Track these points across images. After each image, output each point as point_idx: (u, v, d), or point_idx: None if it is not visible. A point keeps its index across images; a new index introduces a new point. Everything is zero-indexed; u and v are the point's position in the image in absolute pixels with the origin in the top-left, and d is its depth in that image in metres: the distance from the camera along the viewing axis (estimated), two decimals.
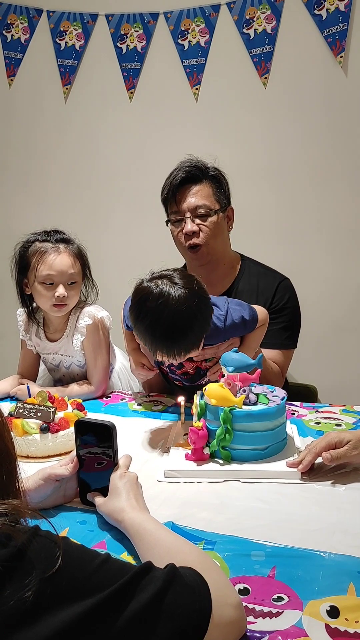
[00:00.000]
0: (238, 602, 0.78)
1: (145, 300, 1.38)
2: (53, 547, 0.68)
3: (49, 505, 1.12)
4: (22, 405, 1.45)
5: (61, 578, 0.66)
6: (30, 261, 1.70)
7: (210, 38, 2.63)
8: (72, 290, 1.72)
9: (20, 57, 2.93)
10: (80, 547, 0.73)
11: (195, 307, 1.37)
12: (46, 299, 1.70)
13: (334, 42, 2.49)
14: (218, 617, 0.73)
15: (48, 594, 0.64)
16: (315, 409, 1.64)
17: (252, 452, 1.28)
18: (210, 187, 1.88)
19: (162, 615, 0.69)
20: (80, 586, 0.67)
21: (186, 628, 0.71)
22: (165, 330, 1.35)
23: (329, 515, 1.08)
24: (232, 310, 1.55)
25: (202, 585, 0.75)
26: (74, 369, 1.86)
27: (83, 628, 0.65)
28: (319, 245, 2.68)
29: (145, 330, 1.38)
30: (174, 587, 0.72)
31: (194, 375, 1.65)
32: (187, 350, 1.40)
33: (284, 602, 0.84)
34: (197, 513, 1.11)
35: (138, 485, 1.09)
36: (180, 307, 1.34)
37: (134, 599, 0.69)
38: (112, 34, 2.77)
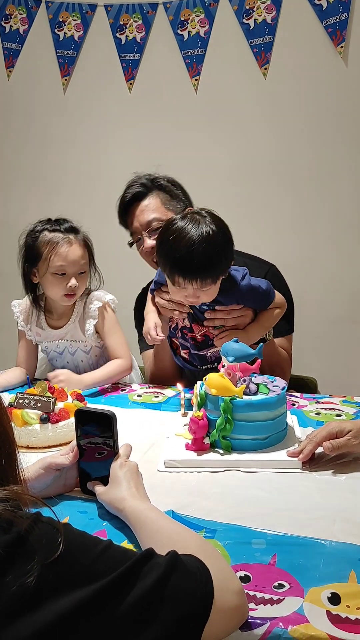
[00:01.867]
0: (240, 588, 0.78)
1: (170, 227, 1.49)
2: (55, 534, 0.68)
3: (49, 494, 1.12)
4: (22, 395, 1.45)
5: (63, 564, 0.66)
6: (42, 252, 1.71)
7: (209, 28, 2.62)
8: (81, 280, 1.75)
9: (18, 48, 2.92)
10: (82, 534, 0.73)
11: (219, 241, 1.47)
12: (58, 289, 1.73)
13: (334, 32, 2.48)
14: (220, 604, 0.73)
15: (50, 580, 0.64)
16: (316, 400, 1.64)
17: (253, 441, 1.28)
18: (158, 198, 1.91)
19: (165, 601, 0.69)
20: (82, 572, 0.67)
21: (188, 614, 0.71)
22: (186, 252, 1.44)
23: (329, 504, 1.08)
24: (250, 277, 1.62)
25: (203, 571, 0.75)
26: (79, 354, 1.87)
27: (85, 614, 0.64)
28: (320, 237, 2.68)
29: (166, 252, 1.48)
30: (176, 573, 0.72)
31: (201, 344, 1.67)
32: (202, 279, 1.47)
33: (285, 589, 0.84)
34: (197, 502, 1.10)
35: (138, 474, 1.09)
36: (203, 236, 1.45)
37: (136, 585, 0.69)
38: (111, 24, 2.75)
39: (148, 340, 1.70)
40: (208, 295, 1.54)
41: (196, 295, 1.52)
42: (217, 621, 0.73)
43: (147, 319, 1.71)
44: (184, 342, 1.71)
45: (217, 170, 2.74)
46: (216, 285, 1.53)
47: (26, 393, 1.46)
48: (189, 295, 1.53)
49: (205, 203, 2.70)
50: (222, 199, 2.75)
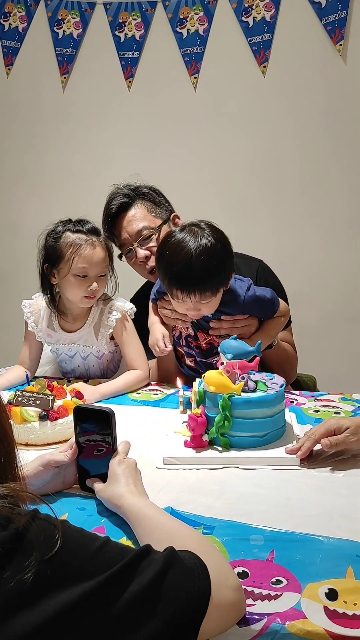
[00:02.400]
0: (237, 584, 0.79)
1: (168, 240, 1.50)
2: (52, 530, 0.68)
3: (48, 491, 1.12)
4: (21, 393, 1.45)
5: (60, 560, 0.66)
6: (64, 253, 1.68)
7: (208, 26, 2.62)
8: (101, 283, 1.73)
9: (17, 46, 2.92)
10: (79, 530, 0.73)
11: (217, 253, 1.47)
12: (79, 291, 1.70)
13: (333, 30, 2.48)
14: (217, 599, 0.73)
15: (47, 576, 0.64)
16: (314, 397, 1.64)
17: (251, 439, 1.28)
18: (143, 206, 1.92)
19: (162, 597, 0.69)
20: (79, 568, 0.67)
21: (186, 609, 0.71)
22: (184, 266, 1.44)
23: (327, 500, 1.08)
24: (255, 287, 1.63)
25: (201, 567, 0.75)
26: (91, 359, 1.85)
27: (83, 610, 0.65)
28: (316, 234, 2.68)
29: (165, 266, 1.48)
30: (173, 569, 0.72)
31: (207, 351, 1.67)
32: (201, 291, 1.47)
33: (282, 585, 0.84)
34: (196, 499, 1.11)
35: (137, 471, 1.09)
36: (201, 249, 1.45)
37: (134, 581, 0.69)
38: (110, 22, 2.75)
39: (156, 352, 1.70)
40: (209, 308, 1.54)
41: (197, 308, 1.53)
42: (215, 617, 0.73)
43: (154, 330, 1.71)
44: (189, 351, 1.71)
45: (215, 168, 2.74)
46: (217, 297, 1.53)
47: (25, 391, 1.46)
48: (189, 308, 1.53)
49: (203, 200, 2.72)
50: (220, 196, 2.76)
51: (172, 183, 2.74)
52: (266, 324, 1.66)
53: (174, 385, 1.70)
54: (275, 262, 2.09)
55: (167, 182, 2.73)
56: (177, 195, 2.34)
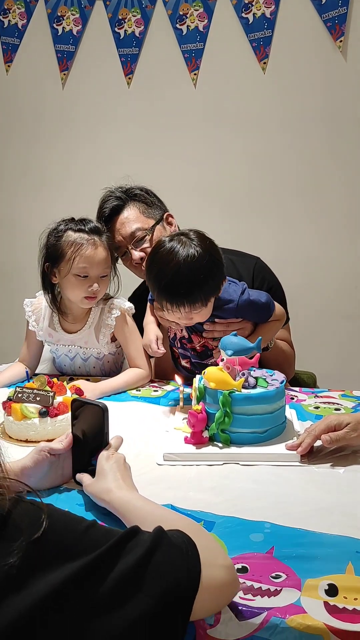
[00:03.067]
0: (229, 563, 0.79)
1: (157, 250, 1.48)
2: (38, 512, 0.68)
3: (48, 485, 1.13)
4: (21, 389, 1.45)
5: (47, 542, 0.66)
6: (65, 252, 1.66)
7: (208, 23, 2.61)
8: (103, 283, 1.71)
9: (17, 43, 2.91)
10: (66, 513, 0.74)
11: (205, 264, 1.45)
12: (79, 291, 1.68)
13: (333, 27, 2.47)
14: (207, 579, 0.73)
15: (35, 558, 0.65)
16: (315, 394, 1.64)
17: (251, 435, 1.28)
18: (136, 208, 1.92)
19: (151, 575, 0.69)
20: (66, 549, 0.67)
21: (176, 587, 0.71)
22: (171, 280, 1.43)
23: (327, 496, 1.08)
24: (249, 291, 1.61)
25: (190, 545, 0.75)
26: (91, 361, 1.84)
27: (71, 590, 0.65)
28: (315, 231, 2.68)
29: (154, 278, 1.47)
30: (161, 547, 0.72)
31: (201, 353, 1.67)
32: (190, 303, 1.45)
33: (282, 579, 0.84)
34: (196, 495, 1.11)
35: (126, 466, 1.08)
36: (188, 261, 1.43)
37: (121, 560, 0.69)
38: (109, 18, 2.74)
39: (149, 352, 1.70)
40: (201, 316, 1.52)
41: (189, 318, 1.51)
42: (207, 596, 0.73)
43: (148, 331, 1.71)
44: (184, 352, 1.71)
45: (216, 165, 2.74)
46: (208, 307, 1.51)
47: (25, 387, 1.46)
48: (181, 318, 1.51)
49: (202, 197, 2.72)
50: (219, 192, 2.76)
51: (171, 179, 2.75)
52: (261, 328, 1.64)
53: (173, 381, 1.70)
54: (273, 259, 2.08)
55: (166, 179, 2.73)
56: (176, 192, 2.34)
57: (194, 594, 0.71)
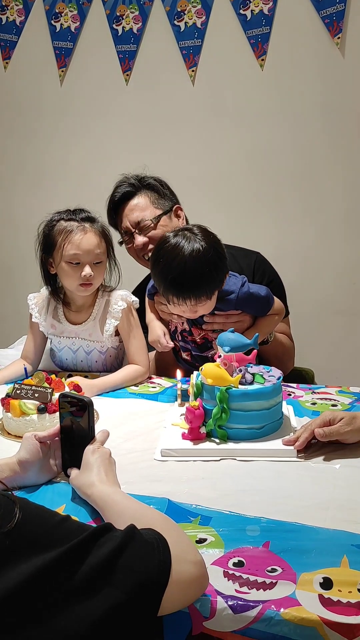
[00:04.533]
0: (199, 559, 0.80)
1: (162, 246, 1.52)
2: (11, 505, 0.70)
3: (45, 477, 1.15)
4: (19, 386, 1.46)
5: (20, 532, 0.68)
6: (56, 240, 1.68)
7: (206, 19, 2.61)
8: (97, 270, 1.70)
9: (15, 40, 2.91)
10: (39, 507, 0.75)
11: (210, 258, 1.49)
12: (73, 279, 1.69)
13: (331, 23, 2.47)
14: (177, 574, 0.75)
15: (7, 548, 0.66)
16: (312, 390, 1.65)
17: (248, 431, 1.29)
18: (147, 196, 1.95)
19: (122, 569, 0.71)
20: (39, 540, 0.69)
21: (146, 581, 0.72)
22: (178, 273, 1.47)
23: (323, 491, 1.09)
24: (249, 284, 1.64)
25: (161, 541, 0.77)
26: (94, 354, 1.83)
27: (42, 581, 0.66)
28: (314, 227, 2.68)
29: (160, 273, 1.52)
30: (133, 543, 0.74)
31: (202, 346, 1.69)
32: (196, 296, 1.50)
33: (277, 573, 0.85)
34: (193, 490, 1.12)
35: (110, 460, 1.10)
36: (194, 255, 1.47)
37: (93, 554, 0.71)
38: (107, 15, 2.74)
39: (158, 348, 1.72)
40: (205, 309, 1.57)
41: (193, 311, 1.55)
42: (176, 590, 0.74)
43: (154, 327, 1.73)
44: (184, 345, 1.73)
45: (214, 162, 2.74)
46: (212, 299, 1.56)
47: (24, 384, 1.47)
48: (186, 311, 1.55)
49: (201, 194, 2.72)
50: (217, 189, 2.76)
51: (169, 176, 2.73)
52: (260, 321, 1.68)
53: (174, 377, 1.71)
54: (273, 255, 2.09)
55: (164, 175, 2.72)
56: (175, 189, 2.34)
57: (164, 588, 0.73)
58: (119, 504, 0.94)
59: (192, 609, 0.80)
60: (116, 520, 0.88)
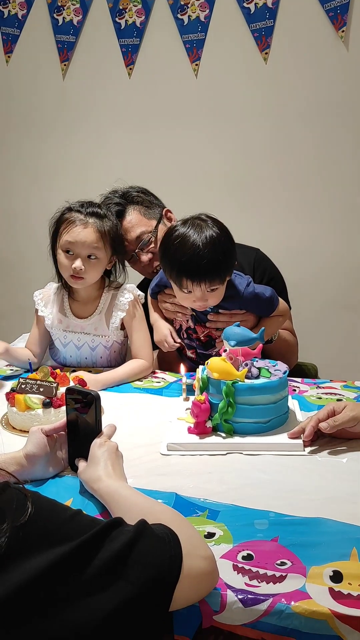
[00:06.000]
0: (209, 554, 0.80)
1: (172, 234, 1.53)
2: (23, 498, 0.70)
3: (52, 470, 1.14)
4: (24, 380, 1.45)
5: (33, 527, 0.68)
6: (59, 229, 1.71)
7: (210, 12, 2.59)
8: (90, 265, 1.70)
9: (17, 33, 2.89)
10: (51, 501, 0.75)
11: (223, 242, 1.51)
12: (65, 268, 1.71)
13: (335, 17, 2.46)
14: (188, 568, 0.75)
15: (20, 541, 0.66)
16: (317, 385, 1.65)
17: (255, 425, 1.29)
18: (137, 211, 1.94)
19: (133, 563, 0.71)
20: (51, 535, 0.69)
21: (158, 576, 0.72)
22: (192, 255, 1.48)
23: (331, 485, 1.09)
24: (254, 284, 1.65)
25: (172, 536, 0.77)
26: (99, 350, 1.83)
27: (55, 574, 0.66)
28: (319, 223, 2.67)
29: (171, 257, 1.51)
30: (144, 537, 0.74)
31: (206, 343, 1.70)
32: (210, 278, 1.50)
33: (287, 566, 0.85)
34: (200, 484, 1.11)
35: (117, 454, 1.10)
36: (207, 238, 1.49)
37: (105, 548, 0.71)
38: (110, 8, 2.72)
39: (164, 348, 1.72)
40: (216, 297, 1.57)
41: (205, 299, 1.55)
42: (187, 585, 0.74)
43: (159, 327, 1.73)
44: (189, 343, 1.73)
45: (217, 156, 2.72)
46: (223, 286, 1.56)
47: (29, 378, 1.47)
48: (197, 299, 1.55)
49: (203, 188, 2.71)
50: (220, 184, 2.75)
51: (172, 170, 2.75)
52: (264, 322, 1.67)
53: (178, 373, 1.71)
54: (275, 251, 2.09)
55: (166, 169, 2.73)
56: (176, 182, 2.34)
57: (175, 583, 0.73)
58: (126, 498, 0.94)
59: (202, 602, 0.80)
60: (124, 515, 0.88)
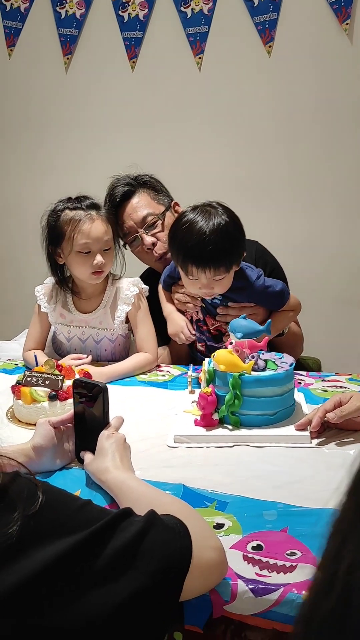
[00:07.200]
0: (219, 545, 0.80)
1: (182, 219, 1.53)
2: (34, 488, 0.70)
3: (60, 462, 1.15)
4: (30, 373, 1.45)
5: (43, 516, 0.68)
6: (65, 231, 1.67)
7: (213, 5, 2.58)
8: (107, 256, 1.70)
9: (19, 27, 2.88)
10: (61, 491, 0.75)
11: (231, 230, 1.51)
12: (85, 268, 1.69)
13: (339, 9, 2.45)
14: (198, 559, 0.75)
15: (32, 531, 0.66)
16: (322, 378, 1.65)
17: (261, 417, 1.29)
18: (147, 194, 1.92)
19: (145, 553, 0.71)
20: (62, 524, 0.69)
21: (168, 566, 0.72)
22: (198, 241, 1.48)
23: (338, 477, 1.07)
24: (265, 277, 1.65)
25: (182, 526, 0.77)
26: (104, 343, 1.83)
27: (66, 564, 0.66)
28: (323, 217, 2.67)
29: (179, 242, 1.52)
30: (155, 527, 0.74)
31: (216, 336, 1.70)
32: (216, 266, 1.50)
33: (297, 556, 0.85)
34: (208, 476, 1.11)
35: (125, 446, 1.10)
36: (215, 225, 1.49)
37: (115, 537, 0.71)
38: (113, 2, 2.71)
39: (181, 340, 1.71)
40: (222, 286, 1.56)
41: (210, 286, 1.54)
42: (196, 576, 0.74)
43: (174, 319, 1.73)
44: (200, 335, 1.73)
45: (220, 150, 2.72)
46: (230, 275, 1.55)
47: (34, 371, 1.47)
48: (202, 286, 1.55)
49: (206, 183, 2.70)
50: (224, 178, 2.74)
51: (174, 164, 2.73)
52: (274, 316, 1.66)
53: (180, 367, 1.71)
54: (279, 245, 2.08)
55: (169, 163, 2.72)
56: (181, 178, 2.33)
57: (185, 573, 0.73)
58: (134, 489, 0.94)
59: (213, 592, 0.80)
60: (133, 506, 0.88)
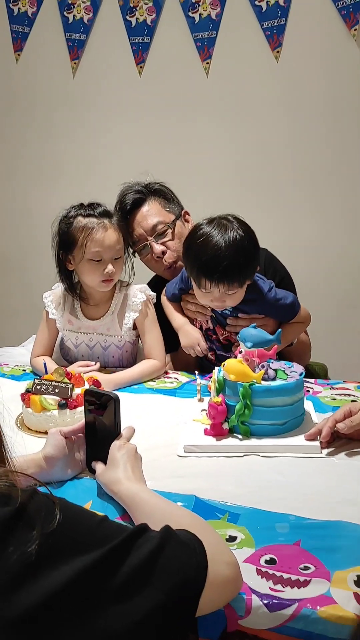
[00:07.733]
0: (233, 561, 0.80)
1: (197, 232, 1.54)
2: (52, 506, 0.70)
3: (71, 472, 1.15)
4: (39, 381, 1.45)
5: (61, 534, 0.67)
6: (77, 238, 1.68)
7: (221, 10, 2.58)
8: (117, 265, 1.71)
9: (27, 31, 2.89)
10: (78, 507, 0.75)
11: (246, 246, 1.51)
12: (95, 275, 1.70)
13: (347, 15, 2.45)
14: (213, 574, 0.75)
15: (50, 549, 0.66)
16: (330, 386, 1.65)
17: (271, 427, 1.29)
18: (157, 202, 1.92)
19: (161, 569, 0.71)
20: (79, 542, 0.69)
21: (184, 582, 0.72)
22: (212, 256, 1.48)
23: (349, 488, 1.09)
24: (276, 289, 1.65)
25: (197, 542, 0.77)
26: (111, 349, 1.83)
27: (85, 581, 0.66)
28: (330, 222, 2.67)
29: (194, 256, 1.53)
30: (170, 544, 0.74)
31: (226, 346, 1.70)
32: (229, 281, 1.50)
33: (310, 570, 0.85)
34: (219, 487, 1.11)
35: (137, 457, 1.09)
36: (230, 240, 1.49)
37: (132, 555, 0.70)
38: (121, 6, 2.72)
39: (196, 353, 1.70)
40: (234, 300, 1.57)
41: (222, 300, 1.55)
42: (212, 591, 0.74)
43: (188, 331, 1.72)
44: (209, 344, 1.73)
45: (228, 155, 2.72)
46: (242, 289, 1.56)
47: (44, 379, 1.47)
48: (215, 299, 1.55)
49: (215, 188, 2.71)
50: (232, 183, 2.74)
51: (182, 169, 2.74)
52: (284, 327, 1.66)
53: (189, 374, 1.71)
54: (286, 248, 2.08)
55: (177, 168, 2.72)
56: (189, 183, 2.33)
57: (201, 589, 0.73)
58: (147, 502, 0.94)
59: (227, 607, 0.80)
60: (146, 519, 0.88)
